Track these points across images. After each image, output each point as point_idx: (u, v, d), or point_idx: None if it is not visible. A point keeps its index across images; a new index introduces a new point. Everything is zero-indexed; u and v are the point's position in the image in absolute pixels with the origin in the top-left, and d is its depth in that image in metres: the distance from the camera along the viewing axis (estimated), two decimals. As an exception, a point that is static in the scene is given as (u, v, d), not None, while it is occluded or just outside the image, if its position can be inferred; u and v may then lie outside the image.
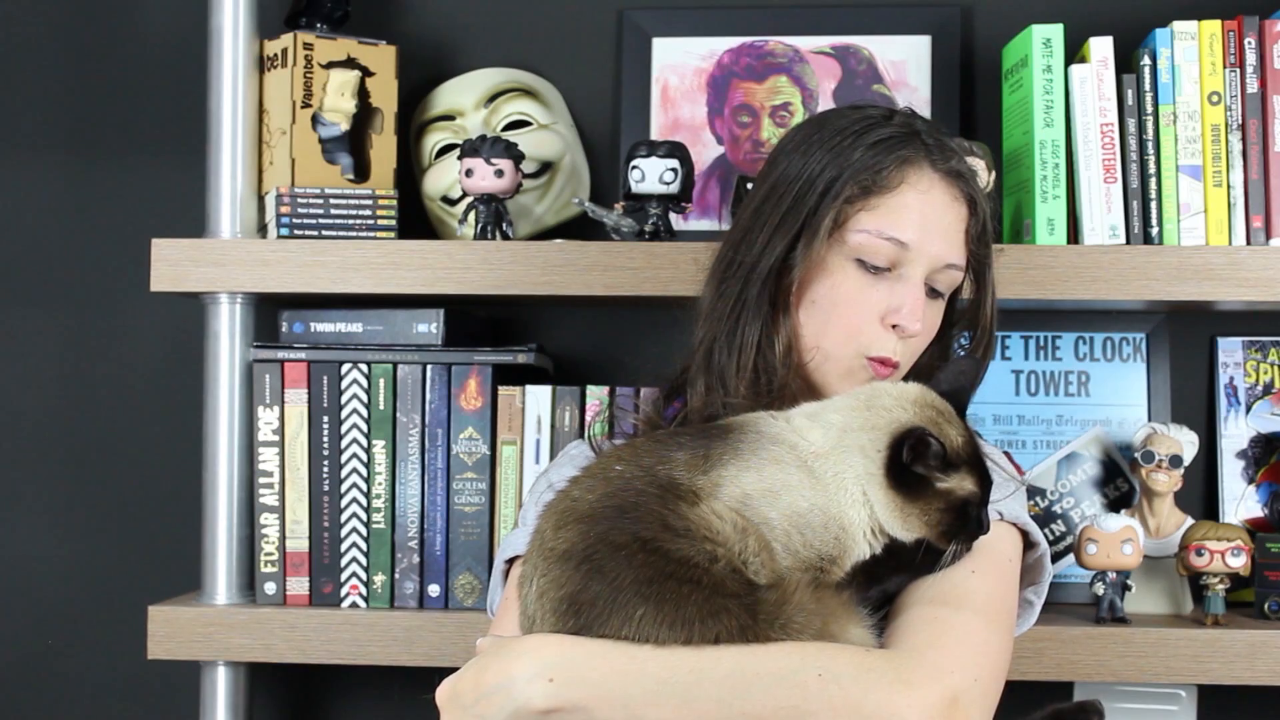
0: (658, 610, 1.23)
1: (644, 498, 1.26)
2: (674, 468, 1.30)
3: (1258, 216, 1.92)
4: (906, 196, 1.51)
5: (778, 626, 1.25)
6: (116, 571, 2.24)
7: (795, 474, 1.31)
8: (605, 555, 1.24)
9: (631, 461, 1.32)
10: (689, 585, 1.23)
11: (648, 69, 2.18)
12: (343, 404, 1.98)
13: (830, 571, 1.32)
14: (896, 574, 1.38)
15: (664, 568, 1.23)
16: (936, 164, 1.53)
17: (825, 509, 1.31)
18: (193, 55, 2.09)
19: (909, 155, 1.52)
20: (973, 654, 1.32)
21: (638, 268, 1.91)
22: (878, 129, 1.53)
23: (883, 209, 1.50)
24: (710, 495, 1.28)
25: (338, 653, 1.94)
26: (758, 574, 1.27)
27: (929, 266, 1.52)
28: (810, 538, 1.30)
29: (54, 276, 2.26)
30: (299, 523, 1.99)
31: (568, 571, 1.26)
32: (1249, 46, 1.92)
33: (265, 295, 2.01)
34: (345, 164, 2.04)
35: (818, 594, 1.29)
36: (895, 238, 1.50)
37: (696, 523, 1.25)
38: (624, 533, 1.24)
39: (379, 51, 2.07)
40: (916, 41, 2.15)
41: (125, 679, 2.23)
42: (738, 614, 1.24)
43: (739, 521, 1.27)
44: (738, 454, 1.31)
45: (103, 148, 2.26)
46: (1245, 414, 2.11)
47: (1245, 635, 1.86)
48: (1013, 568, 1.48)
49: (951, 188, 1.53)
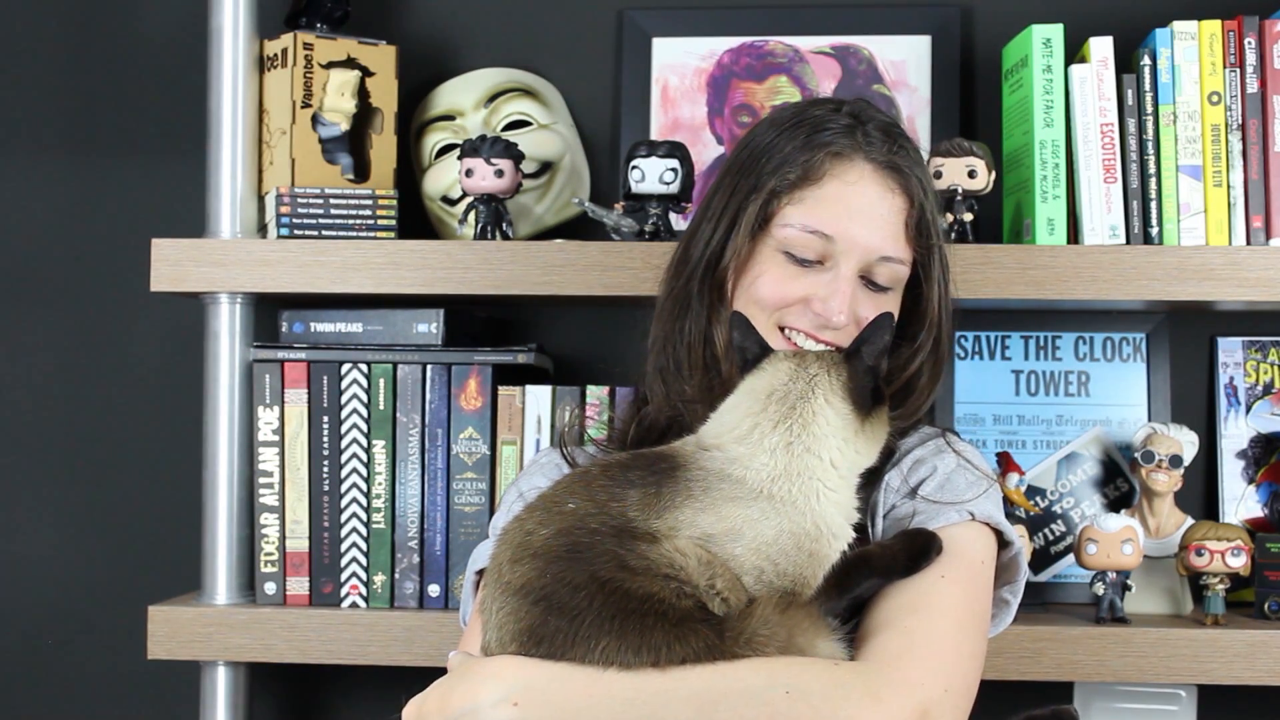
0: (621, 640, 1.21)
1: (598, 538, 1.24)
2: (627, 507, 1.28)
3: (1258, 216, 1.92)
4: (832, 188, 1.51)
5: (743, 642, 1.24)
6: (116, 571, 2.24)
7: (755, 506, 1.30)
8: (564, 594, 1.23)
9: (585, 498, 1.29)
10: (653, 617, 1.22)
11: (648, 69, 2.18)
12: (343, 404, 1.98)
13: (802, 592, 1.31)
14: (868, 579, 1.37)
15: (625, 604, 1.21)
16: (871, 155, 1.52)
17: (795, 529, 1.30)
18: (193, 55, 2.09)
19: (839, 148, 1.52)
20: (943, 663, 1.31)
21: (638, 268, 1.91)
22: (815, 122, 1.53)
23: (808, 201, 1.51)
24: (669, 537, 1.26)
25: (338, 653, 1.94)
26: (726, 602, 1.25)
27: (861, 259, 1.51)
28: (783, 565, 1.29)
29: (54, 276, 2.26)
30: (299, 523, 1.99)
31: (525, 606, 1.25)
32: (1249, 46, 1.92)
33: (265, 295, 2.01)
34: (345, 164, 2.04)
35: (783, 608, 1.28)
36: (819, 230, 1.50)
37: (658, 560, 1.24)
38: (581, 573, 1.23)
39: (379, 51, 2.07)
40: (916, 41, 2.15)
41: (125, 679, 2.23)
42: (705, 635, 1.23)
43: (704, 556, 1.26)
44: (690, 495, 1.29)
45: (103, 148, 2.26)
46: (1245, 414, 2.11)
47: (1245, 635, 1.86)
48: (985, 569, 1.46)
49: (886, 179, 1.52)
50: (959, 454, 1.53)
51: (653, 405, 1.59)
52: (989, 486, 1.51)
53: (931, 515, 1.46)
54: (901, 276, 1.54)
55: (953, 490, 1.49)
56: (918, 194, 1.53)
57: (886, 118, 1.58)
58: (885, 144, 1.53)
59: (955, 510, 1.46)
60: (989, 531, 1.48)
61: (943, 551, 1.40)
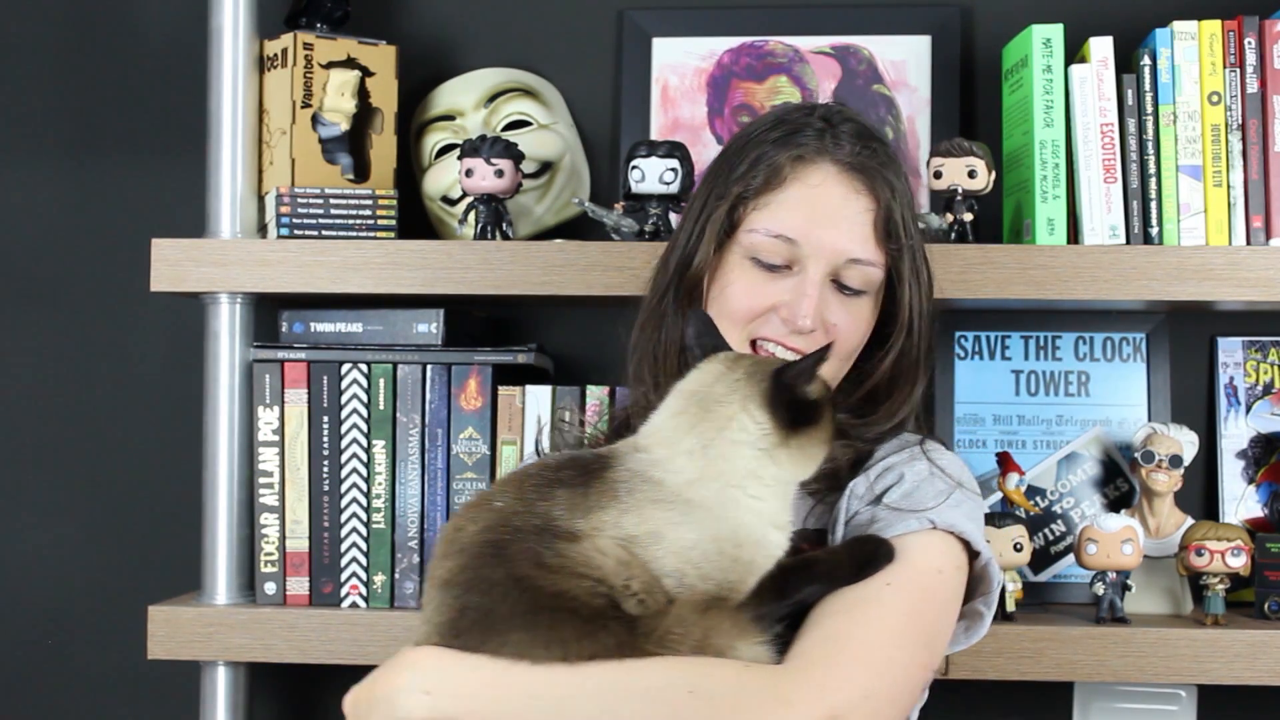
0: (531, 635, 1.22)
1: (519, 535, 1.26)
2: (553, 506, 1.28)
3: (1258, 216, 1.92)
4: (795, 192, 1.50)
5: (654, 640, 1.23)
6: (116, 571, 2.24)
7: (674, 510, 1.28)
8: (482, 589, 1.25)
9: (515, 496, 1.30)
10: (564, 613, 1.22)
11: (648, 69, 2.18)
12: (343, 404, 1.98)
13: (730, 597, 1.28)
14: (809, 585, 1.33)
15: (537, 601, 1.22)
16: (836, 157, 1.51)
17: (715, 534, 1.28)
18: (193, 55, 2.09)
19: (803, 150, 1.51)
20: (867, 669, 1.27)
21: (638, 268, 1.91)
22: (786, 126, 1.53)
23: (772, 206, 1.51)
24: (591, 537, 1.26)
25: (338, 653, 1.94)
26: (643, 604, 1.24)
27: (829, 263, 1.50)
28: (705, 569, 1.27)
29: (54, 277, 2.26)
30: (299, 523, 1.99)
31: (448, 599, 1.28)
32: (1249, 46, 1.92)
33: (265, 295, 2.01)
34: (345, 164, 2.04)
35: (703, 609, 1.25)
36: (782, 234, 1.49)
37: (575, 558, 1.24)
38: (499, 570, 1.24)
39: (379, 51, 2.07)
40: (916, 41, 2.15)
41: (125, 679, 2.23)
42: (615, 632, 1.23)
43: (623, 556, 1.25)
44: (615, 496, 1.28)
45: (103, 148, 2.26)
46: (1245, 414, 2.11)
47: (1245, 635, 1.86)
48: (942, 579, 1.40)
49: (851, 180, 1.50)
50: (933, 462, 1.50)
51: (631, 409, 1.59)
52: (963, 497, 1.47)
53: (890, 522, 1.42)
54: (874, 279, 1.53)
55: (918, 498, 1.45)
56: (884, 194, 1.51)
57: (860, 121, 1.57)
58: (853, 145, 1.52)
59: (915, 518, 1.41)
60: (954, 541, 1.43)
61: (893, 559, 1.36)
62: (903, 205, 1.52)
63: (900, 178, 1.54)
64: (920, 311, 1.55)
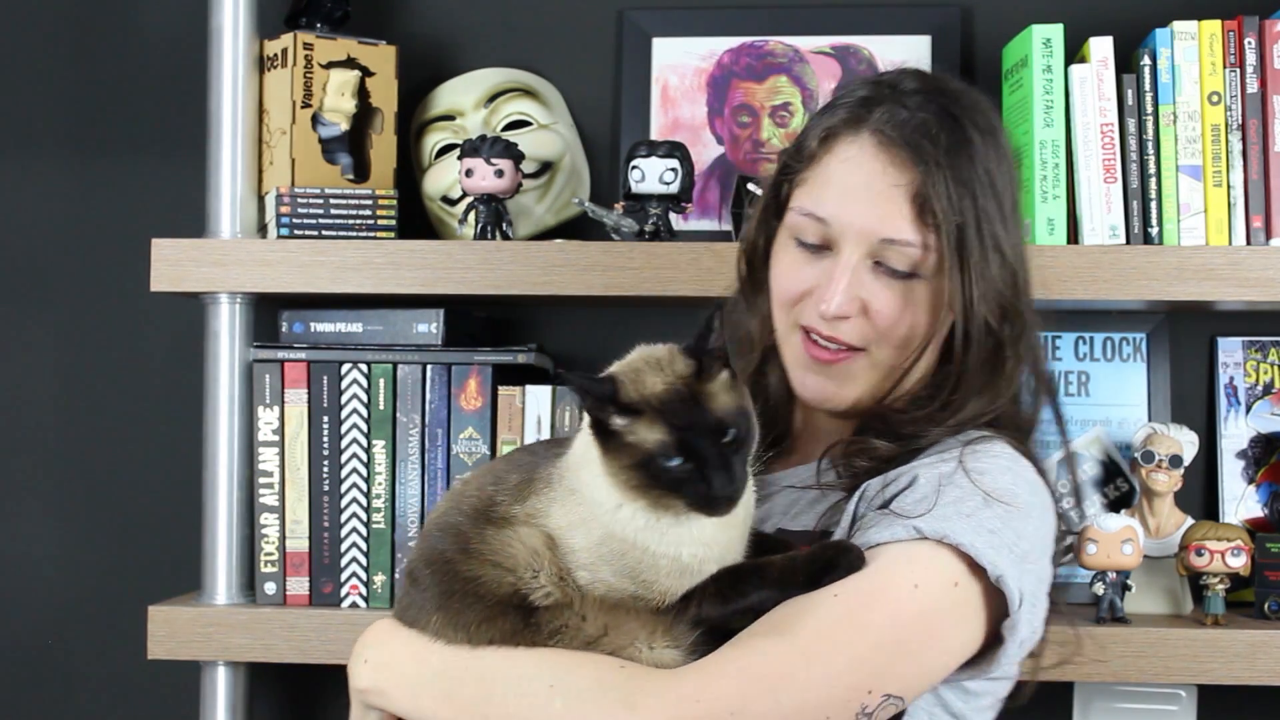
0: (445, 616, 1.26)
1: (461, 518, 1.28)
2: (500, 489, 1.27)
3: (1258, 216, 1.92)
4: (829, 167, 1.40)
5: (545, 633, 1.23)
6: (116, 571, 2.24)
7: (584, 506, 1.23)
8: (421, 569, 1.30)
9: (477, 478, 1.32)
10: (472, 598, 1.25)
11: (648, 69, 2.18)
12: (343, 404, 1.98)
13: (648, 597, 1.22)
14: (759, 590, 1.24)
15: (453, 584, 1.26)
16: (877, 127, 1.38)
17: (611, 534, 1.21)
18: (193, 55, 2.09)
19: (837, 123, 1.40)
20: (749, 683, 1.18)
21: (638, 268, 1.91)
22: (841, 94, 1.44)
23: (809, 183, 1.41)
24: (523, 523, 1.25)
25: (338, 653, 1.93)
26: (550, 596, 1.23)
27: (863, 243, 1.38)
28: (616, 565, 1.22)
29: (54, 276, 2.26)
30: (299, 523, 1.99)
31: (405, 582, 1.33)
32: (1249, 46, 1.92)
33: (265, 295, 2.01)
34: (345, 164, 2.04)
35: (610, 606, 1.22)
36: (813, 213, 1.40)
37: (493, 545, 1.24)
38: (435, 550, 1.28)
39: (379, 51, 2.07)
40: (916, 41, 2.15)
41: (125, 679, 2.23)
42: (513, 619, 1.23)
43: (538, 547, 1.23)
44: (549, 484, 1.25)
45: (103, 147, 2.26)
46: (1245, 414, 2.11)
47: (1245, 635, 1.86)
48: (917, 595, 1.25)
49: (890, 153, 1.37)
50: (965, 466, 1.32)
51: None
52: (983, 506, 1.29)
53: (874, 527, 1.29)
54: (919, 261, 1.38)
55: (921, 504, 1.29)
56: (925, 167, 1.35)
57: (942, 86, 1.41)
58: (909, 114, 1.38)
59: (902, 525, 1.27)
60: (946, 553, 1.26)
61: (857, 569, 1.24)
62: (952, 180, 1.35)
63: (961, 152, 1.37)
64: (978, 303, 1.37)
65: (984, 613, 1.30)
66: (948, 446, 1.38)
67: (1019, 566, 1.28)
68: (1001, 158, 1.41)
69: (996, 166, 1.40)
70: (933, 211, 1.35)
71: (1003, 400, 1.43)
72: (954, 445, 1.38)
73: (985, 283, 1.38)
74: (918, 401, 1.43)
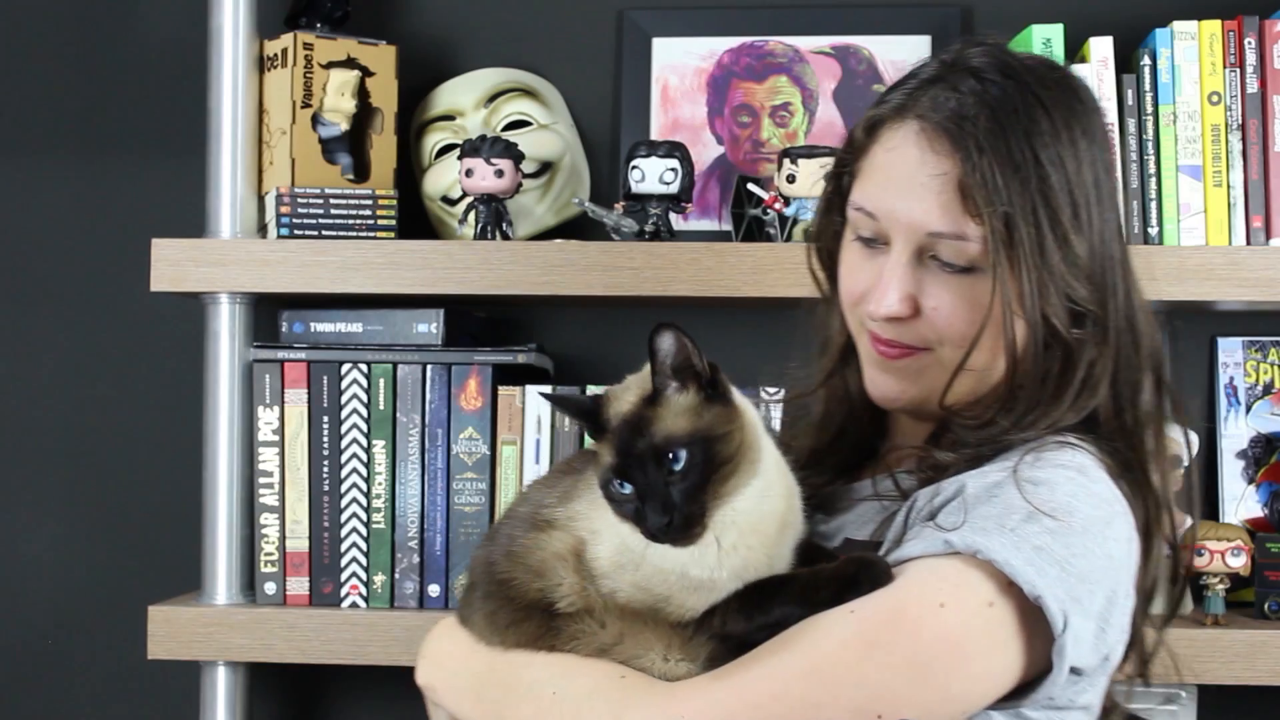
0: (484, 618, 1.28)
1: (512, 523, 1.29)
2: (548, 494, 1.28)
3: (1258, 216, 1.92)
4: (876, 159, 1.31)
5: (564, 638, 1.22)
6: (116, 571, 2.24)
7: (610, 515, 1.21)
8: (475, 570, 1.33)
9: (536, 484, 1.33)
10: (504, 600, 1.26)
11: (648, 69, 2.18)
12: (343, 404, 1.98)
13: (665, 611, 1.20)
14: (783, 606, 1.18)
15: (490, 586, 1.27)
16: (922, 112, 1.28)
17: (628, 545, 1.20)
18: (193, 55, 2.09)
19: (886, 111, 1.31)
20: (738, 702, 1.14)
21: (638, 268, 1.91)
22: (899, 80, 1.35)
23: (861, 175, 1.33)
24: (561, 528, 1.24)
25: (338, 653, 1.94)
26: (572, 603, 1.22)
27: (912, 238, 1.28)
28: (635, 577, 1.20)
29: (54, 276, 2.26)
30: (299, 523, 1.99)
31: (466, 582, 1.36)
32: (1249, 46, 1.92)
33: (265, 295, 2.01)
34: (345, 164, 2.04)
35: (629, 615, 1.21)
36: (864, 208, 1.31)
37: (528, 548, 1.24)
38: (486, 552, 1.31)
39: (379, 51, 2.07)
40: (916, 41, 2.15)
41: (125, 679, 2.23)
42: (538, 623, 1.23)
43: (562, 552, 1.23)
44: (590, 488, 1.24)
45: (103, 148, 2.26)
46: (1245, 414, 2.11)
47: (1245, 635, 1.86)
48: (944, 615, 1.16)
49: (933, 140, 1.27)
50: (1019, 475, 1.21)
51: None
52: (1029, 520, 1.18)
53: (911, 540, 1.22)
54: (973, 254, 1.26)
55: (960, 516, 1.20)
56: (969, 153, 1.24)
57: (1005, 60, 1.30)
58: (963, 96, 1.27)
59: (934, 537, 1.19)
60: (976, 570, 1.17)
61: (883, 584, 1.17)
62: (998, 165, 1.24)
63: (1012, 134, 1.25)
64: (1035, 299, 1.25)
65: (1027, 636, 1.19)
66: (1011, 455, 1.27)
67: (1069, 586, 1.17)
68: (1079, 142, 1.28)
69: (1069, 151, 1.27)
70: (975, 200, 1.25)
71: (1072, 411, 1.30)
72: (1016, 454, 1.26)
73: (1045, 277, 1.25)
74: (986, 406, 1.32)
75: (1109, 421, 1.32)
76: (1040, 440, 1.27)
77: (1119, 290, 1.31)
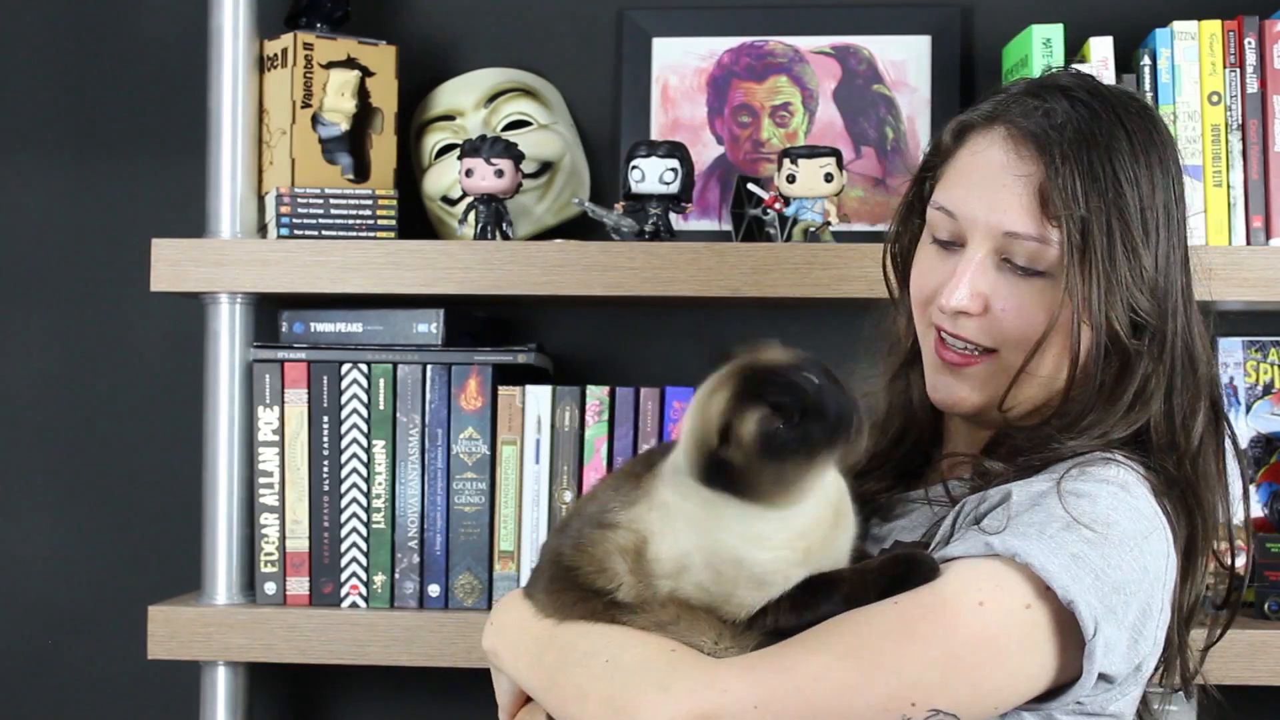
0: (548, 597, 1.33)
1: (580, 520, 1.32)
2: (613, 496, 1.30)
3: (1258, 216, 1.92)
4: (961, 161, 1.38)
5: (627, 611, 1.25)
6: (116, 571, 2.24)
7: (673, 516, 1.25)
8: (542, 558, 1.39)
9: (603, 484, 1.36)
10: (569, 582, 1.30)
11: (648, 69, 2.18)
12: (343, 404, 1.98)
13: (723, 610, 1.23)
14: (830, 602, 1.22)
15: (557, 571, 1.32)
16: (1010, 119, 1.35)
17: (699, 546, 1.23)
18: (193, 55, 2.09)
19: (975, 117, 1.39)
20: (779, 681, 1.17)
21: (638, 268, 1.91)
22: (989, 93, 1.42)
23: (943, 177, 1.40)
24: (625, 529, 1.26)
25: (338, 653, 1.94)
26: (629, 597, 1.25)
27: (989, 237, 1.34)
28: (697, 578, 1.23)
29: (54, 276, 2.26)
30: (299, 523, 1.99)
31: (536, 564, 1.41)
32: (1249, 46, 1.92)
33: (265, 295, 2.02)
34: (345, 164, 2.04)
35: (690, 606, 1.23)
36: (944, 207, 1.37)
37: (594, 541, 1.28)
38: (555, 544, 1.35)
39: (379, 51, 2.07)
40: (916, 41, 2.15)
41: (125, 679, 2.23)
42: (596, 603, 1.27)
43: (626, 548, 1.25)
44: (649, 492, 1.27)
45: (103, 148, 2.26)
46: (1245, 414, 2.11)
47: (1245, 635, 1.86)
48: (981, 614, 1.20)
49: (1019, 146, 1.33)
50: (1061, 487, 1.26)
51: None
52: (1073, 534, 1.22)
53: (955, 542, 1.26)
54: (1046, 257, 1.32)
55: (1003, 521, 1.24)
56: (1052, 160, 1.30)
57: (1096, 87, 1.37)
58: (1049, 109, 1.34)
59: (977, 539, 1.23)
60: (1014, 573, 1.21)
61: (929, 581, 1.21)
62: (1079, 175, 1.30)
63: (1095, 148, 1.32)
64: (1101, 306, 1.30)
65: (1061, 641, 1.23)
66: (1059, 468, 1.30)
67: (1103, 594, 1.21)
68: (1154, 169, 1.36)
69: (1145, 174, 1.34)
70: (1054, 204, 1.31)
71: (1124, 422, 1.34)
72: (1063, 466, 1.30)
73: (1112, 286, 1.31)
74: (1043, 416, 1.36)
75: (1160, 439, 1.36)
76: (1089, 455, 1.31)
77: (1179, 314, 1.36)
